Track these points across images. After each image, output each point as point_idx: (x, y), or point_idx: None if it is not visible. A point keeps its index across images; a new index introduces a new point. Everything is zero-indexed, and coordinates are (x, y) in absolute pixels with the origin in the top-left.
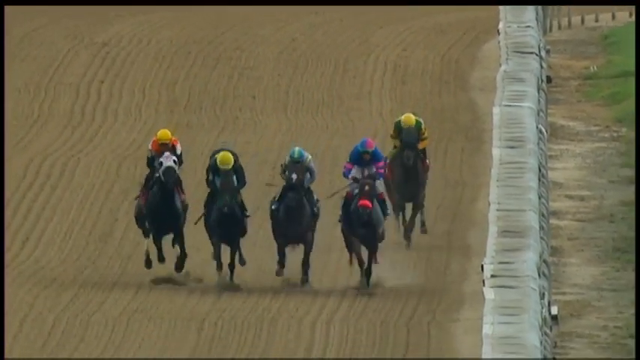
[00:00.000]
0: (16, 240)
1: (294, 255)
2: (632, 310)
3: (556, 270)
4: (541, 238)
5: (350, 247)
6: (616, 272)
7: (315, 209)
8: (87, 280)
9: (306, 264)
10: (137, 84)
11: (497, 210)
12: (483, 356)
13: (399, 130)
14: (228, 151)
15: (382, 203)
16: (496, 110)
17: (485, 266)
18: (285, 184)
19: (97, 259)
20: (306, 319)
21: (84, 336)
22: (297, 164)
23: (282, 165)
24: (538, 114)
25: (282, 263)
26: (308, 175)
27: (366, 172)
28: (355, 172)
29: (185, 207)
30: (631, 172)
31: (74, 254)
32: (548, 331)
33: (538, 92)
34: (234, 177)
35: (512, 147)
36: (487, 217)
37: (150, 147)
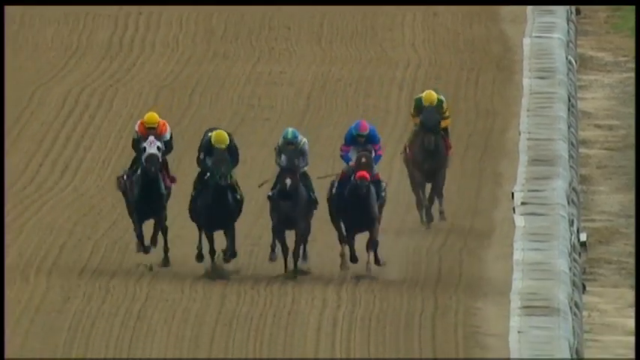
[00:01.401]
0: (55, 168)
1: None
2: None
3: (585, 198)
4: (570, 166)
5: (340, 235)
6: None
7: (311, 195)
8: (125, 208)
9: (297, 252)
10: (174, 15)
11: (528, 139)
12: (514, 281)
13: (419, 108)
14: (223, 130)
15: (378, 184)
16: (526, 41)
17: (515, 194)
18: (278, 173)
19: None
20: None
21: (122, 262)
22: (290, 145)
23: (275, 148)
24: (567, 45)
25: (273, 251)
26: (301, 158)
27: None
28: (352, 154)
29: (168, 193)
30: None
31: (112, 182)
32: (577, 257)
33: (567, 24)
34: (228, 157)
35: (542, 77)
36: (518, 145)
37: (136, 128)
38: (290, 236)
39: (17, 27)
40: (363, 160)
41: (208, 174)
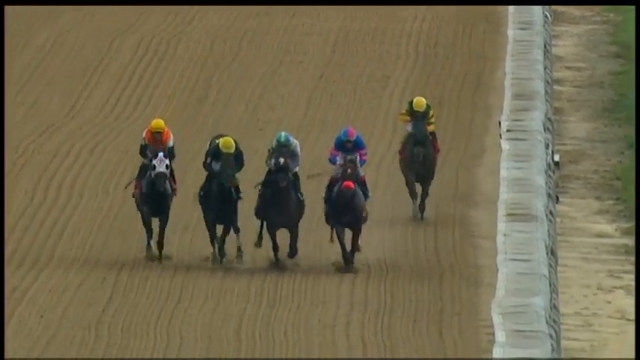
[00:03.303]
0: (130, 102)
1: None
2: (619, 158)
3: (558, 125)
4: (546, 100)
5: (332, 226)
6: (605, 127)
7: (299, 195)
8: (186, 134)
9: (292, 250)
10: None
11: (512, 78)
12: (501, 194)
13: (411, 113)
14: (230, 137)
15: (363, 186)
16: None
17: (502, 122)
18: (270, 169)
19: (195, 116)
20: None
21: (183, 180)
22: (283, 148)
23: (269, 149)
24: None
25: (275, 246)
26: (292, 159)
27: (348, 158)
28: (340, 158)
29: (173, 193)
30: (616, 49)
31: (176, 113)
32: (551, 174)
33: None
34: (234, 161)
35: (523, 29)
36: (504, 83)
37: (144, 136)
38: (280, 234)
39: None
40: (349, 171)
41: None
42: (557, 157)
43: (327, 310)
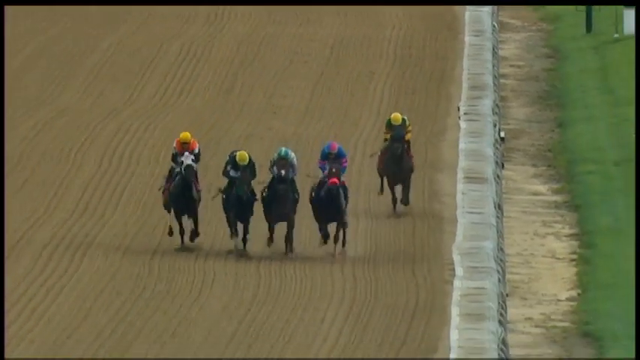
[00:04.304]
0: (175, 92)
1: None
2: (550, 135)
3: (504, 109)
4: (494, 90)
5: (319, 223)
6: (539, 111)
7: (296, 196)
8: (217, 118)
9: (289, 239)
10: None
11: (468, 74)
12: (460, 162)
13: (389, 126)
14: (245, 151)
15: (344, 189)
16: (467, 13)
17: (460, 107)
18: (274, 177)
19: (225, 104)
20: None
21: (216, 152)
22: (283, 160)
23: (270, 161)
24: (492, 15)
25: (271, 237)
26: (291, 169)
27: (332, 166)
28: (326, 166)
29: (199, 195)
30: (548, 51)
31: (210, 101)
32: (498, 146)
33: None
34: (249, 172)
35: (476, 35)
36: (462, 77)
37: (174, 145)
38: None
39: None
40: (334, 170)
41: (235, 183)
42: (502, 134)
43: (326, 253)
